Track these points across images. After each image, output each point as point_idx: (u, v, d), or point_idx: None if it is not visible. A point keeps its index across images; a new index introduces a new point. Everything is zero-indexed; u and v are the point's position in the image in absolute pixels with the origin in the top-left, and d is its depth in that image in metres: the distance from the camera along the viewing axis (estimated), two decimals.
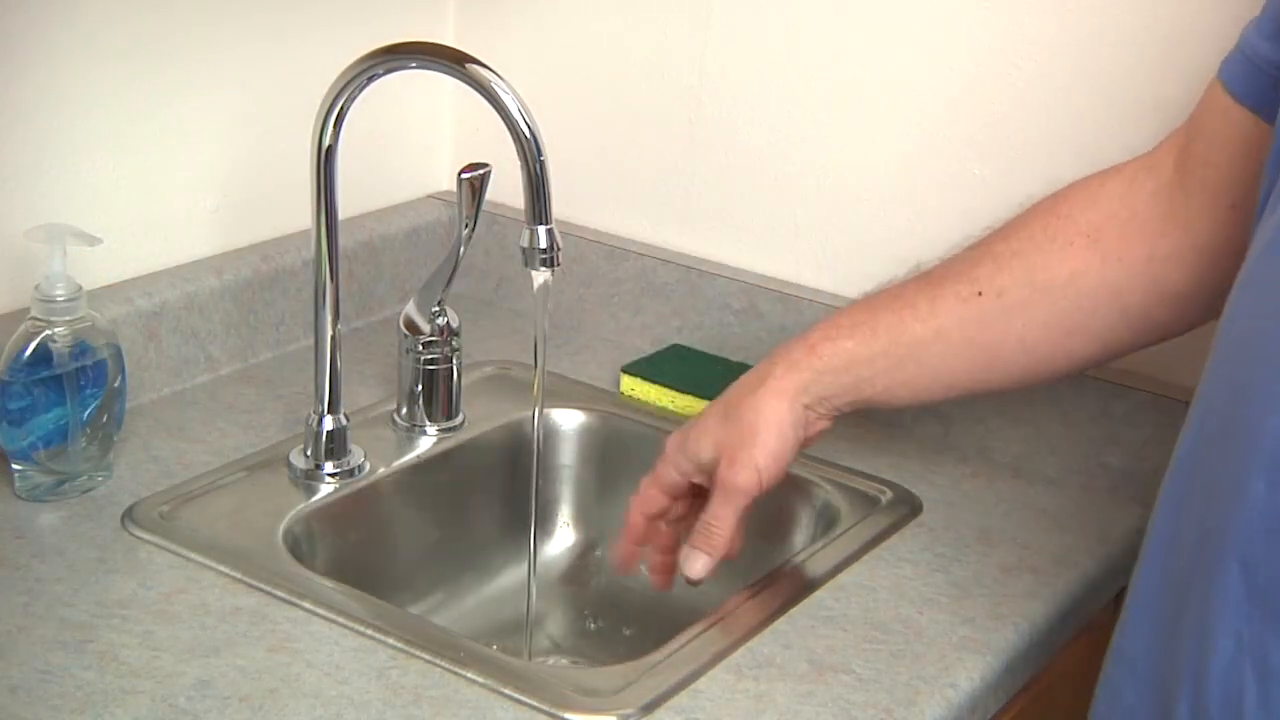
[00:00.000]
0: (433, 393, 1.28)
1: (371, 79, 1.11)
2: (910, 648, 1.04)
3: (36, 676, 0.94)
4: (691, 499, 1.16)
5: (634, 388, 1.38)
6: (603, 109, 1.49)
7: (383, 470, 1.23)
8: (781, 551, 1.23)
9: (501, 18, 1.52)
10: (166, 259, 1.33)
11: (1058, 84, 1.26)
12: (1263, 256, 0.84)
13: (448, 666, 0.98)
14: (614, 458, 1.34)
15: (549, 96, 1.44)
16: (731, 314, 1.43)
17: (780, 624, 1.06)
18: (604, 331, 1.50)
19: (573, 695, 0.97)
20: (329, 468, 1.20)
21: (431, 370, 1.27)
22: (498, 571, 1.31)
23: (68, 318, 1.12)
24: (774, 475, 1.10)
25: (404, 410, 1.29)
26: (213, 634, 1.00)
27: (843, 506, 1.22)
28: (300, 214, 1.19)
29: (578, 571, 1.35)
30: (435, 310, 1.26)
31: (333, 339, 1.19)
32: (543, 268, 1.07)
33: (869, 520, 1.20)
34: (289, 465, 1.21)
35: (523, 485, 1.24)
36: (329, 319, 1.19)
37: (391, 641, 1.00)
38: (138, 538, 1.10)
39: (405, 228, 1.51)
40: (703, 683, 0.99)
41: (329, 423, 1.20)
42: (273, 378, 1.36)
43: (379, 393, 1.35)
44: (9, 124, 1.20)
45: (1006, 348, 1.10)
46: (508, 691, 0.96)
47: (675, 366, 1.39)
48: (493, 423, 1.32)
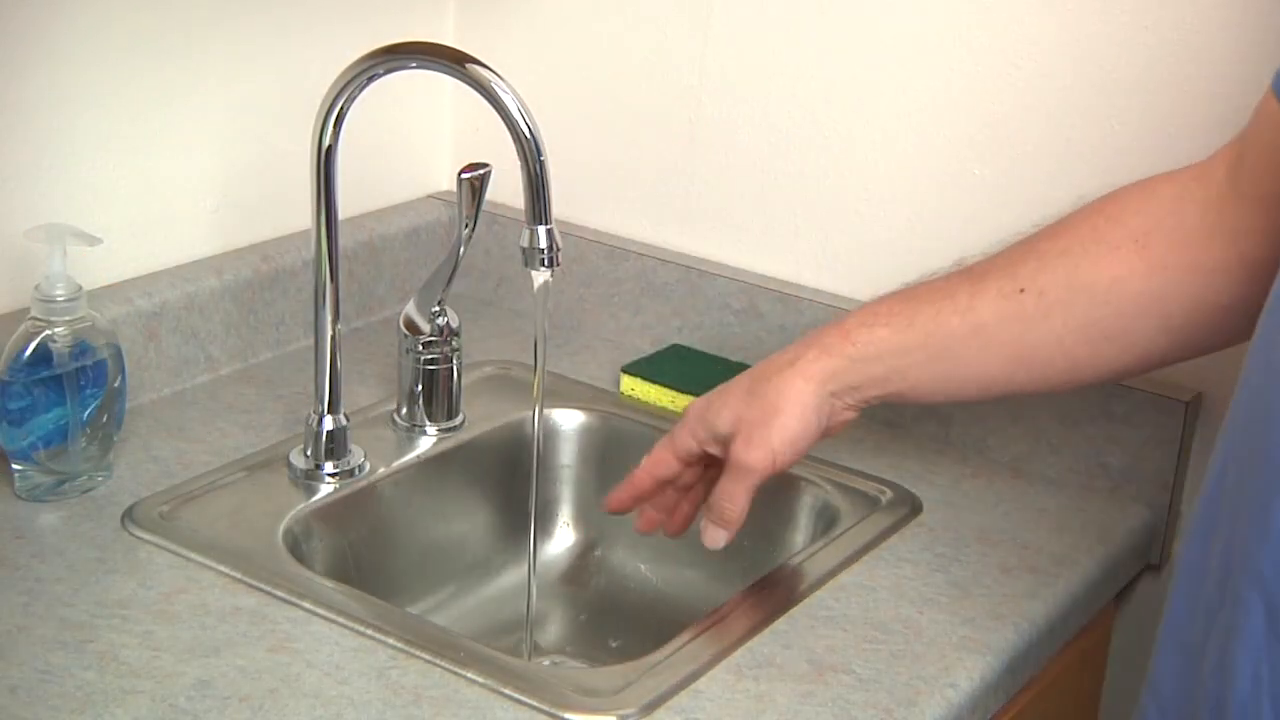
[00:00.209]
0: (433, 393, 1.28)
1: (371, 79, 1.11)
2: (910, 648, 1.04)
3: (36, 676, 0.94)
4: (703, 468, 1.15)
5: (634, 388, 1.38)
6: (603, 109, 1.49)
7: (383, 470, 1.23)
8: (781, 551, 1.23)
9: (501, 18, 1.52)
10: (166, 259, 1.33)
11: (1058, 84, 1.26)
12: None
13: (448, 666, 0.98)
14: (614, 458, 1.33)
15: (549, 96, 1.44)
16: (731, 314, 1.43)
17: (780, 624, 1.06)
18: (604, 331, 1.50)
19: (573, 695, 0.97)
20: (329, 468, 1.20)
21: (431, 370, 1.27)
22: (498, 571, 1.31)
23: (68, 318, 1.12)
24: (789, 459, 1.09)
25: (404, 410, 1.29)
26: (213, 634, 1.00)
27: (843, 506, 1.22)
28: (300, 214, 1.19)
29: (578, 571, 1.35)
30: (435, 310, 1.26)
31: (333, 339, 1.19)
32: (543, 268, 1.07)
33: (869, 520, 1.20)
34: (289, 465, 1.21)
35: (523, 485, 1.24)
36: (329, 319, 1.19)
37: (391, 641, 1.00)
38: (138, 538, 1.10)
39: (405, 228, 1.51)
40: (703, 683, 0.99)
41: (329, 423, 1.20)
42: (273, 378, 1.36)
43: (379, 393, 1.35)
44: (9, 124, 1.20)
45: (1044, 349, 1.06)
46: (508, 691, 0.96)
47: (675, 366, 1.39)
48: (493, 423, 1.32)
